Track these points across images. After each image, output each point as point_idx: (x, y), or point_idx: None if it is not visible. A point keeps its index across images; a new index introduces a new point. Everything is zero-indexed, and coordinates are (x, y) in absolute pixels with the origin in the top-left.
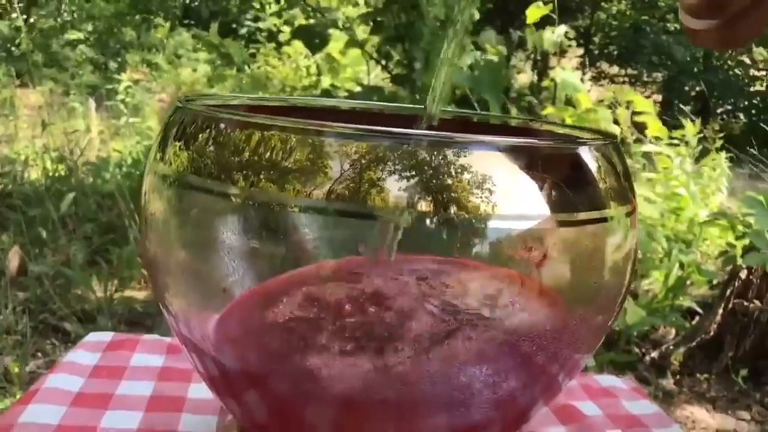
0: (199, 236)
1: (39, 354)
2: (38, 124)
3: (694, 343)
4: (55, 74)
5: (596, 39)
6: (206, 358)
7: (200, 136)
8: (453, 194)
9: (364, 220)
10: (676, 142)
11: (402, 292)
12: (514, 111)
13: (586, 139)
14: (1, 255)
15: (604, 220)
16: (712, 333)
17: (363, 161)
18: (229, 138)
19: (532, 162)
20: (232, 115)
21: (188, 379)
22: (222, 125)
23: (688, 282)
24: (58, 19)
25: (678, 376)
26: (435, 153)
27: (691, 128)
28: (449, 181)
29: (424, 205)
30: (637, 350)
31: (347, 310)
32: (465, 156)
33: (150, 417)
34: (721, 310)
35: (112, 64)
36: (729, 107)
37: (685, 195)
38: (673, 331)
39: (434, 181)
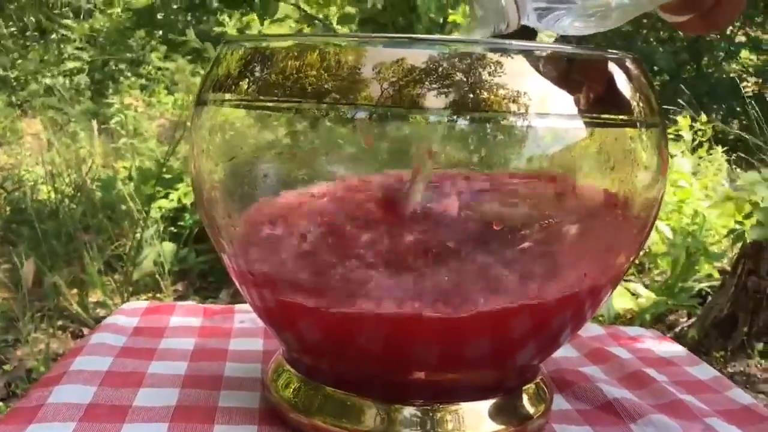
0: (247, 157)
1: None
2: (42, 150)
3: (708, 322)
4: (55, 103)
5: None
6: (261, 287)
7: (250, 64)
8: (493, 97)
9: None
10: (671, 137)
11: (439, 198)
12: None
13: (616, 53)
14: (18, 266)
15: (633, 124)
16: (725, 311)
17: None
18: (277, 60)
19: (566, 68)
20: (278, 41)
21: (228, 335)
22: (267, 52)
23: (696, 268)
24: (55, 51)
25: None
26: (476, 57)
27: (683, 121)
28: (489, 85)
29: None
30: None
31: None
32: (507, 59)
33: (196, 366)
34: (733, 288)
35: (109, 90)
36: (722, 113)
37: (687, 187)
38: (686, 315)
39: (473, 88)
